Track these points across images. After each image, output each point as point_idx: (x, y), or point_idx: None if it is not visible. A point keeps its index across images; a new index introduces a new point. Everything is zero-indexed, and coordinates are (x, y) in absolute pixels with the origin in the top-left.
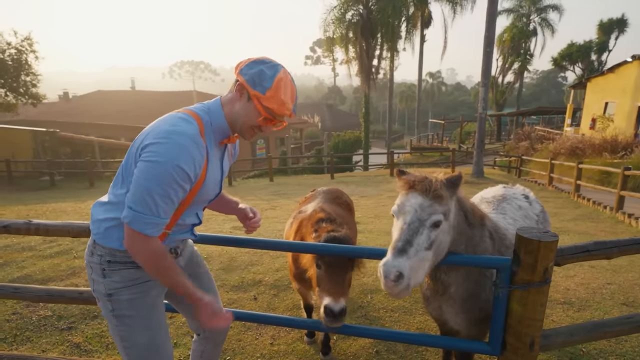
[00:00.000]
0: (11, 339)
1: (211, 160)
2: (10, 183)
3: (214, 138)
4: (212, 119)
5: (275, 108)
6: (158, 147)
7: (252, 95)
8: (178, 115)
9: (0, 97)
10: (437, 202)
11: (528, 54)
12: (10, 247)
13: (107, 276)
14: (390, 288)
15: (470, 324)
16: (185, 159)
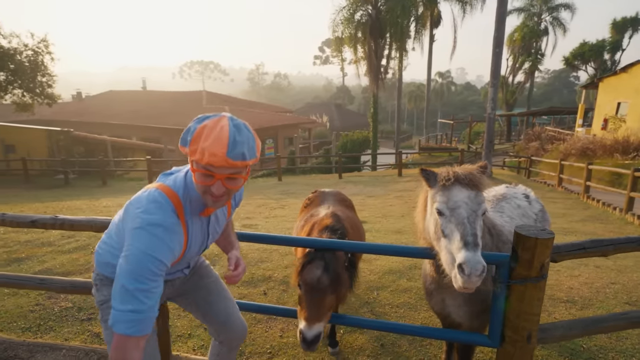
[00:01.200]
0: (35, 328)
1: (193, 232)
2: (27, 181)
3: (195, 210)
4: (190, 191)
5: (197, 158)
6: (134, 240)
7: (186, 154)
8: (153, 197)
9: (18, 97)
10: (480, 191)
11: (539, 54)
12: (31, 243)
13: (99, 290)
14: (475, 282)
15: (472, 317)
16: (161, 250)
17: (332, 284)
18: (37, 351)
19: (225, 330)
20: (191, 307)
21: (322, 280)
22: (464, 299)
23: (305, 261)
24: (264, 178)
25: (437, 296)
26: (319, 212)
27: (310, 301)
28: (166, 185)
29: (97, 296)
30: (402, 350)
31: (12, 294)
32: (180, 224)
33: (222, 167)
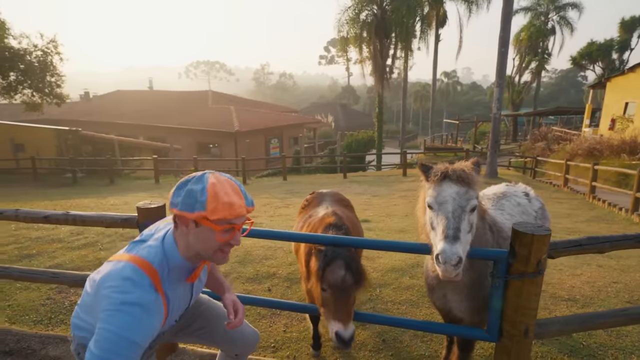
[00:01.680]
0: (47, 321)
1: (174, 301)
2: (36, 179)
3: (176, 276)
4: (169, 261)
5: (227, 214)
6: (105, 322)
7: (196, 219)
8: (126, 274)
9: (27, 97)
10: (471, 188)
11: (546, 53)
12: (42, 239)
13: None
14: (451, 272)
15: (473, 312)
16: (137, 333)
17: (355, 281)
18: (48, 343)
19: (236, 346)
20: (193, 339)
21: (346, 279)
22: (466, 294)
23: (324, 264)
24: (269, 177)
25: (438, 292)
26: (317, 212)
27: (338, 302)
28: (140, 257)
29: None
30: (403, 346)
31: (24, 289)
32: (160, 299)
33: (242, 216)
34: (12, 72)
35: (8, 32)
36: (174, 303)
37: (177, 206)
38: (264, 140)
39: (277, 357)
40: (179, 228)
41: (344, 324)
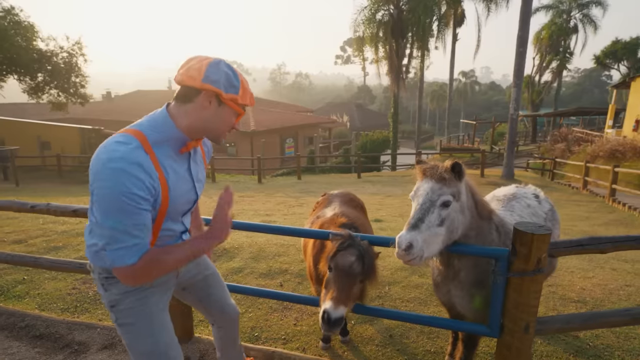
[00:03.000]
0: (73, 309)
1: (168, 170)
2: (60, 176)
3: (168, 148)
4: (161, 132)
5: (249, 102)
6: (101, 182)
7: (227, 99)
8: (114, 140)
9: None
10: (445, 185)
11: (567, 52)
12: (67, 233)
13: (107, 289)
14: (402, 256)
15: (476, 308)
16: (130, 182)
17: (363, 272)
18: (75, 329)
19: (221, 316)
20: (190, 300)
21: (354, 266)
22: (468, 291)
23: (341, 247)
24: (283, 177)
25: (443, 287)
26: (325, 213)
27: (340, 283)
28: (127, 128)
29: (106, 297)
30: (410, 342)
31: (52, 278)
32: (149, 160)
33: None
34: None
35: (37, 35)
36: (173, 180)
37: (215, 83)
38: (279, 139)
39: (287, 348)
40: (199, 102)
41: (335, 304)
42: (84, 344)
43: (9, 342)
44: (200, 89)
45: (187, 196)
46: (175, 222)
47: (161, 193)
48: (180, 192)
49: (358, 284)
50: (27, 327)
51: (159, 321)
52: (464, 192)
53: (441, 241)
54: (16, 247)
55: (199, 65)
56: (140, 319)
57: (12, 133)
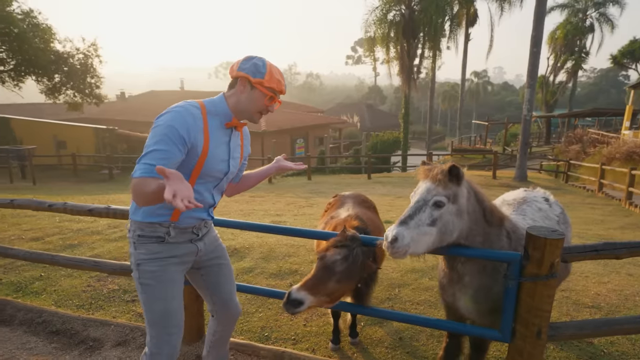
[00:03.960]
0: (88, 306)
1: (213, 135)
2: (75, 175)
3: (218, 120)
4: (215, 106)
5: (275, 86)
6: (161, 117)
7: (255, 83)
8: (186, 102)
9: (69, 97)
10: (440, 186)
11: (583, 52)
12: (82, 231)
13: (137, 248)
14: (387, 248)
15: (480, 314)
16: (178, 121)
17: (343, 273)
18: (90, 325)
19: (223, 309)
20: (200, 284)
21: (336, 264)
22: (471, 295)
23: (335, 244)
24: (294, 177)
25: (449, 290)
26: (339, 214)
27: (317, 274)
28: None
29: (134, 256)
30: (419, 344)
31: (67, 276)
32: (201, 120)
33: (281, 92)
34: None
35: (54, 37)
36: (214, 144)
37: (245, 71)
38: (289, 140)
39: (297, 348)
40: (237, 88)
41: (300, 287)
42: (99, 340)
43: (27, 337)
44: (237, 77)
45: (221, 165)
46: (206, 191)
47: (202, 150)
48: (216, 157)
49: (334, 282)
50: (44, 322)
51: (173, 289)
52: (464, 195)
53: (431, 241)
54: (34, 244)
55: (237, 60)
56: (158, 282)
57: (29, 133)
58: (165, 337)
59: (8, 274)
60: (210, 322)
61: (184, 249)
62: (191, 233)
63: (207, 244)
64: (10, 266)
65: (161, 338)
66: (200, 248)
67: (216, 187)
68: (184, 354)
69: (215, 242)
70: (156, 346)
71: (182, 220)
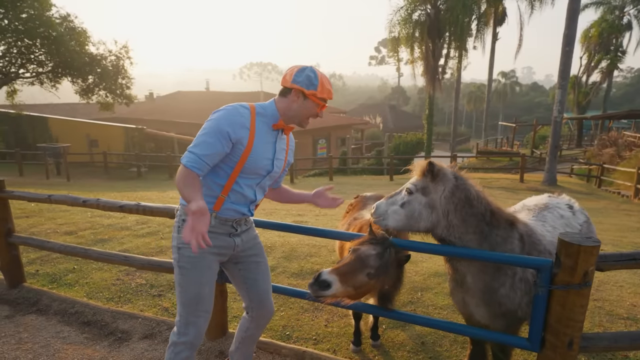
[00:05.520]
0: (117, 299)
1: (259, 134)
2: (106, 172)
3: (266, 121)
4: (265, 109)
5: (326, 96)
6: (213, 114)
7: (309, 94)
8: (237, 103)
9: (102, 97)
10: (418, 178)
11: (619, 51)
12: (112, 227)
13: (179, 232)
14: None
15: (492, 317)
16: (225, 118)
17: (375, 269)
18: (119, 318)
19: (259, 307)
20: (238, 279)
21: (370, 259)
22: (481, 298)
23: (371, 240)
24: (315, 177)
25: (457, 295)
26: (363, 215)
27: (349, 264)
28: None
29: (176, 239)
30: (442, 350)
31: (98, 269)
32: (249, 116)
33: (329, 99)
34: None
35: (89, 40)
36: (259, 141)
37: (300, 84)
38: (311, 140)
39: (318, 349)
40: (290, 97)
41: (332, 271)
42: (127, 332)
43: (61, 326)
44: (291, 88)
45: (265, 162)
46: (249, 186)
47: (246, 145)
48: (260, 154)
49: (364, 276)
50: (76, 313)
51: (207, 276)
52: (437, 192)
53: (399, 219)
54: (67, 238)
55: (290, 71)
56: (194, 267)
57: (64, 131)
58: (193, 318)
59: (44, 265)
60: (244, 319)
61: (222, 241)
62: (230, 227)
63: (245, 241)
64: (46, 258)
65: (189, 319)
66: (237, 243)
67: (259, 184)
68: (207, 349)
69: (254, 241)
70: (184, 326)
71: (223, 211)
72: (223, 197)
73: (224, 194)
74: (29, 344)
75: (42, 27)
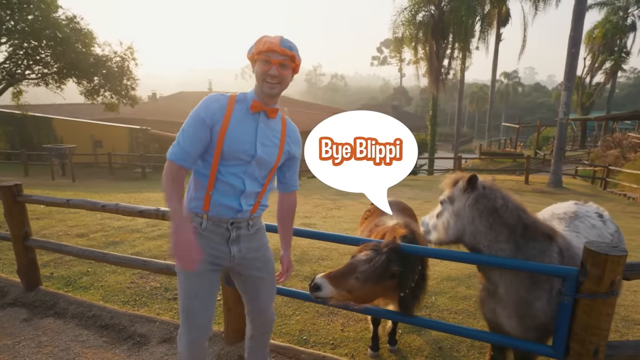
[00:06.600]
0: (132, 302)
1: (236, 117)
2: (111, 173)
3: (245, 105)
4: (245, 95)
5: (259, 47)
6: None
7: (250, 57)
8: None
9: (107, 98)
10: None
11: (623, 52)
12: (123, 229)
13: None
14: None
15: (524, 329)
16: (202, 106)
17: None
18: (136, 321)
19: (258, 316)
20: (242, 288)
21: (360, 264)
22: (514, 310)
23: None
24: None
25: (488, 304)
26: (385, 222)
27: (340, 268)
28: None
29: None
30: (460, 355)
31: (112, 272)
32: (226, 102)
33: (276, 52)
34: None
35: (94, 41)
36: (234, 124)
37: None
38: None
39: (336, 353)
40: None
41: (325, 276)
42: (145, 336)
43: (80, 330)
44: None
45: (244, 146)
46: (234, 175)
47: (220, 127)
48: (237, 137)
49: (354, 280)
50: (94, 317)
51: (197, 286)
52: (461, 201)
53: (440, 230)
54: (79, 240)
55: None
56: (185, 276)
57: (69, 132)
58: (185, 330)
59: (58, 268)
60: (247, 325)
61: (215, 250)
62: (225, 230)
63: (245, 251)
64: (59, 261)
65: (182, 328)
66: (233, 253)
67: (246, 172)
68: (227, 354)
69: (257, 253)
70: (180, 332)
71: (213, 209)
72: (209, 194)
73: (209, 189)
74: (49, 348)
75: (48, 29)
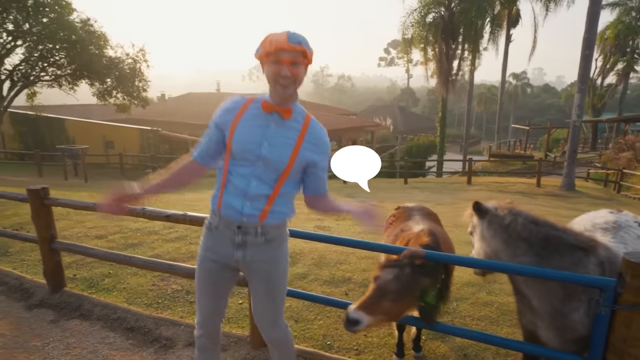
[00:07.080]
0: (156, 305)
1: (246, 117)
2: (122, 174)
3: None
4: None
5: (266, 47)
6: None
7: (260, 57)
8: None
9: (119, 100)
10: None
11: (636, 52)
12: (140, 230)
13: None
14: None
15: (562, 342)
16: (219, 110)
17: (394, 293)
18: (161, 324)
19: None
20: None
21: (387, 284)
22: (551, 322)
23: (387, 264)
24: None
25: (526, 316)
26: (410, 227)
27: (370, 295)
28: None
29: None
30: None
31: (134, 274)
32: (242, 102)
33: (285, 50)
34: (108, 79)
35: (107, 44)
36: (243, 124)
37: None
38: None
39: (362, 359)
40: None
41: (357, 307)
42: (171, 339)
43: (106, 332)
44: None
45: (250, 146)
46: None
47: (229, 128)
48: (244, 136)
49: (389, 302)
50: (119, 319)
51: (204, 282)
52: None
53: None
54: (98, 242)
55: None
56: (198, 269)
57: (81, 133)
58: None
59: (80, 270)
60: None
61: (220, 246)
62: (233, 232)
63: (250, 260)
64: (81, 262)
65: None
66: (236, 257)
67: (254, 174)
68: (252, 358)
69: (264, 265)
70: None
71: (223, 209)
72: (222, 193)
73: (222, 188)
74: (77, 349)
75: (63, 31)
